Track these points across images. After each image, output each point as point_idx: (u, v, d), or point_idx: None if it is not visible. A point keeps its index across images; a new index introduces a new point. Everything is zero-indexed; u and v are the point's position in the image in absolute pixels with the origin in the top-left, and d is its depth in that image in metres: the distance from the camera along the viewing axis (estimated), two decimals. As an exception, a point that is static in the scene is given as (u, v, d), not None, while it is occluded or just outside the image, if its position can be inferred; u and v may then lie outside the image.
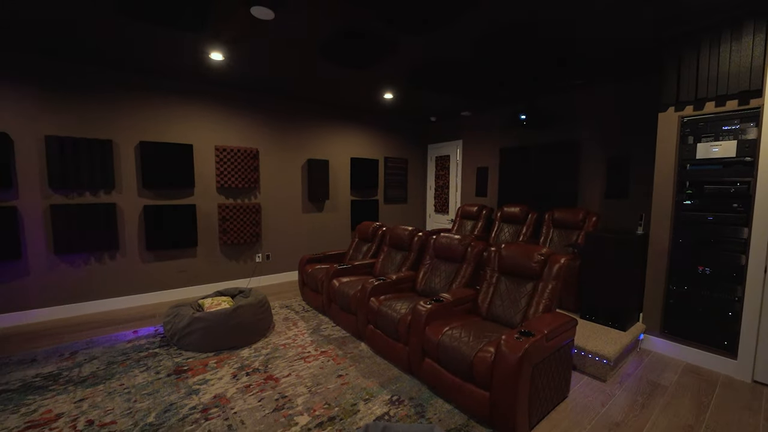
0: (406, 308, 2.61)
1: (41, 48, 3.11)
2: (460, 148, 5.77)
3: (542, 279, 2.38)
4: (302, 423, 1.98)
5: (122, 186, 3.76)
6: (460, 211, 5.15)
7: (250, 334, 2.95)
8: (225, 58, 3.30)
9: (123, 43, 2.99)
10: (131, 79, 3.75)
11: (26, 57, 3.27)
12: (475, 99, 4.68)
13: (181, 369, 2.55)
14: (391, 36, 2.77)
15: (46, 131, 3.39)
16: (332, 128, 5.26)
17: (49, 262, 3.48)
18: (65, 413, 2.07)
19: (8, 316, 3.34)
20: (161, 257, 4.04)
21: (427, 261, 3.18)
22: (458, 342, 2.11)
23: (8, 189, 3.26)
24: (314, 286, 3.71)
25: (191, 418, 2.03)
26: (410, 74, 3.68)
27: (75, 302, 3.63)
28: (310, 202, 5.14)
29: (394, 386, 2.36)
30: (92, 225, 3.60)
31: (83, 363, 2.64)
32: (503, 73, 3.62)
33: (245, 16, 2.44)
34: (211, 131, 4.25)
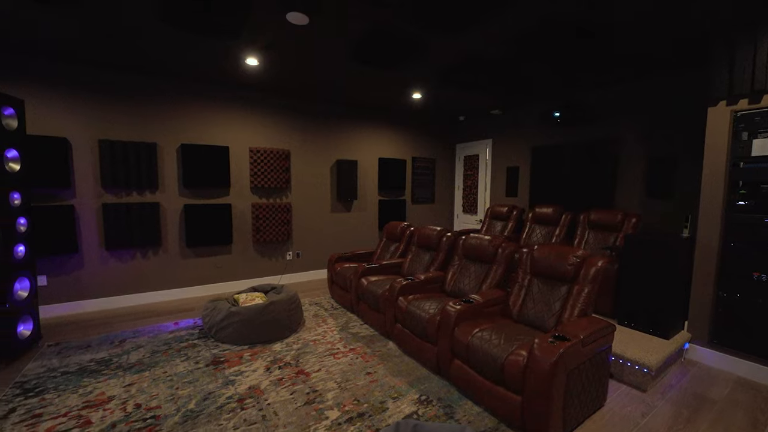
0: (434, 308, 2.61)
1: (96, 60, 3.37)
2: (490, 147, 5.66)
3: (577, 282, 2.29)
4: (332, 417, 2.03)
5: (165, 186, 4.00)
6: (490, 212, 5.06)
7: (282, 330, 3.05)
8: (259, 63, 3.43)
9: (167, 53, 3.17)
10: (174, 85, 3.98)
11: (84, 69, 3.55)
12: (506, 97, 4.58)
13: (218, 360, 2.68)
14: (421, 36, 2.77)
15: (100, 135, 3.67)
16: (361, 129, 5.33)
17: (101, 256, 3.77)
18: (116, 396, 2.23)
19: (66, 305, 3.64)
20: (199, 254, 4.26)
21: (455, 262, 3.15)
22: (488, 344, 2.08)
23: (67, 189, 3.55)
24: (343, 285, 3.78)
25: (228, 407, 2.13)
26: (440, 73, 3.66)
27: (122, 294, 3.90)
28: (339, 202, 5.23)
29: (422, 386, 2.36)
30: (138, 223, 3.85)
31: (131, 351, 2.84)
32: (538, 70, 3.52)
33: (281, 22, 2.53)
34: (245, 133, 4.43)
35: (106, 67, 3.61)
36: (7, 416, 2.03)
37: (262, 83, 4.10)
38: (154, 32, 2.76)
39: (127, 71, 3.72)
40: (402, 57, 3.22)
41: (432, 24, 2.57)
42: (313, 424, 1.97)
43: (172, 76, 3.89)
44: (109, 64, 3.50)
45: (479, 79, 3.82)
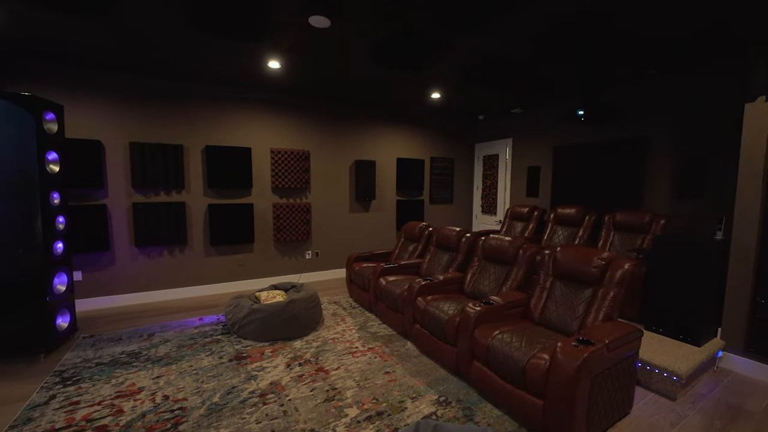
0: (453, 309, 2.59)
1: (128, 66, 3.53)
2: (510, 146, 5.57)
3: (602, 285, 2.23)
4: (352, 415, 2.05)
5: (190, 186, 4.14)
6: (510, 212, 4.98)
7: (302, 327, 3.11)
8: (281, 66, 3.50)
9: (193, 58, 3.28)
10: (199, 88, 4.11)
11: (116, 74, 3.72)
12: (527, 95, 4.49)
13: (241, 356, 2.75)
14: (442, 35, 2.76)
15: (130, 138, 3.83)
16: (379, 130, 5.35)
17: (131, 253, 3.94)
18: (146, 387, 2.33)
19: (99, 299, 3.83)
20: (223, 252, 4.39)
21: (475, 263, 3.12)
22: (509, 347, 2.05)
23: (100, 189, 3.74)
24: (361, 284, 3.81)
25: (251, 401, 2.19)
26: (460, 72, 3.64)
27: (150, 290, 4.06)
28: (357, 202, 5.27)
29: (441, 387, 2.35)
30: (165, 221, 4.00)
31: (158, 344, 2.96)
32: (561, 68, 3.44)
33: (303, 26, 2.58)
34: (267, 134, 4.53)
35: (137, 73, 3.77)
36: (48, 402, 2.16)
37: (283, 85, 4.18)
38: (182, 38, 2.86)
39: (156, 76, 3.87)
40: (422, 57, 3.21)
41: (453, 23, 2.55)
42: (332, 421, 2.00)
43: (197, 80, 4.02)
44: (139, 69, 3.66)
45: (500, 77, 3.76)
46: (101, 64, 3.52)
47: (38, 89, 3.43)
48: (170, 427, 1.95)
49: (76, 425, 1.96)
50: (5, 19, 2.52)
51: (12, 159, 2.60)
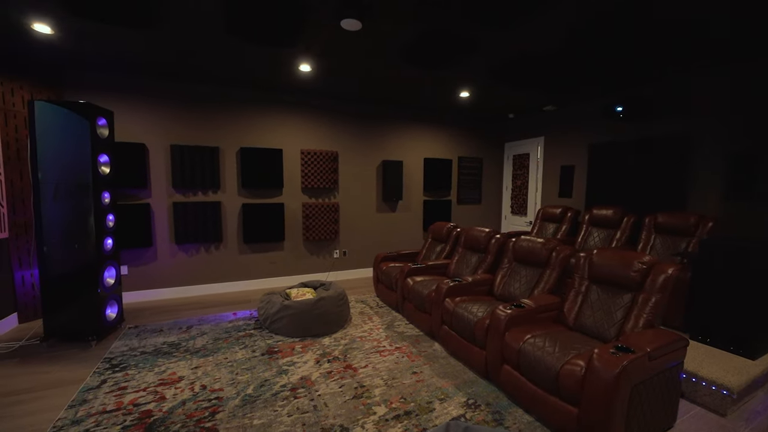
0: (483, 312, 2.55)
1: (169, 72, 3.73)
2: (542, 145, 5.40)
3: (643, 291, 2.12)
4: (380, 413, 2.07)
5: (225, 186, 4.33)
6: (541, 213, 4.83)
7: (331, 325, 3.17)
8: (311, 69, 3.58)
9: (229, 63, 3.43)
10: (234, 93, 4.29)
11: (159, 81, 3.95)
12: (561, 92, 4.34)
13: (272, 350, 2.85)
14: (472, 33, 2.72)
15: (171, 141, 4.06)
16: (407, 130, 5.35)
17: (171, 250, 4.17)
18: (185, 377, 2.46)
19: (142, 292, 4.08)
20: (255, 250, 4.55)
21: (505, 264, 3.05)
22: (542, 351, 1.99)
23: (144, 189, 3.98)
24: (388, 284, 3.82)
25: (282, 394, 2.26)
26: (490, 70, 3.57)
27: (188, 284, 4.28)
28: (384, 202, 5.30)
29: (470, 389, 2.33)
30: (203, 220, 4.21)
31: (196, 337, 3.11)
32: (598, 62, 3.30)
33: (335, 29, 2.63)
34: (297, 136, 4.65)
35: (177, 79, 3.99)
36: (100, 386, 2.33)
37: (313, 87, 4.27)
38: (220, 46, 2.99)
39: (194, 81, 4.07)
40: (452, 56, 3.19)
41: (483, 21, 2.51)
42: (361, 418, 2.03)
43: (233, 85, 4.19)
44: (179, 75, 3.86)
45: (532, 74, 3.66)
46: (146, 72, 3.75)
47: (91, 97, 3.71)
48: (208, 415, 2.05)
49: (124, 409, 2.11)
50: (63, 33, 2.74)
51: (70, 162, 2.83)
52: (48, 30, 2.70)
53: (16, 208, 3.27)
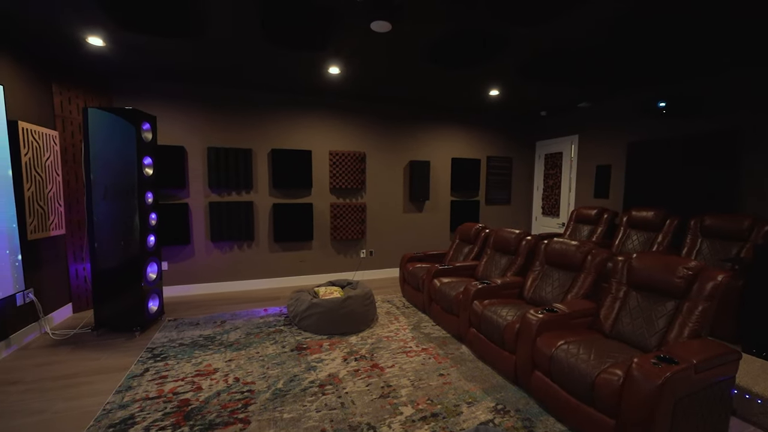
0: (512, 315, 2.49)
1: (206, 78, 3.92)
2: (576, 143, 5.19)
3: (689, 298, 1.99)
4: (407, 414, 2.07)
5: (257, 187, 4.48)
6: (575, 215, 4.64)
7: (358, 324, 3.20)
8: (341, 71, 3.63)
9: (263, 68, 3.55)
10: (266, 96, 4.43)
11: (197, 86, 4.16)
12: (596, 88, 4.15)
13: (301, 346, 2.92)
14: (503, 31, 2.66)
15: (208, 143, 4.26)
16: (434, 130, 5.31)
17: (207, 247, 4.37)
18: (220, 369, 2.57)
19: (180, 287, 4.31)
20: (285, 248, 4.68)
21: (536, 267, 2.96)
22: (576, 359, 1.92)
23: (182, 189, 4.20)
24: (415, 284, 3.81)
25: (311, 390, 2.31)
26: (521, 67, 3.48)
27: (222, 281, 4.47)
28: (411, 203, 5.28)
29: (498, 394, 2.28)
30: (236, 219, 4.38)
31: (230, 331, 3.24)
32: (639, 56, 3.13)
33: (365, 32, 2.66)
34: (326, 137, 4.74)
35: (214, 84, 4.17)
36: (143, 374, 2.49)
37: (342, 89, 4.34)
38: (255, 51, 3.10)
39: (229, 86, 4.25)
40: (482, 55, 3.13)
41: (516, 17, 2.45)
42: (388, 418, 2.04)
43: (265, 88, 4.34)
44: (216, 81, 4.04)
45: (566, 70, 3.52)
46: (185, 78, 3.96)
47: (136, 102, 3.96)
48: (241, 406, 2.14)
49: (165, 396, 2.23)
50: (113, 44, 2.95)
51: (117, 164, 3.03)
52: (100, 42, 2.91)
53: (72, 207, 3.55)
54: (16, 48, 3.00)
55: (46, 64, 3.34)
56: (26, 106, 3.09)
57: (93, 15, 2.46)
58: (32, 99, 3.17)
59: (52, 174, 3.30)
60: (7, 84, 2.87)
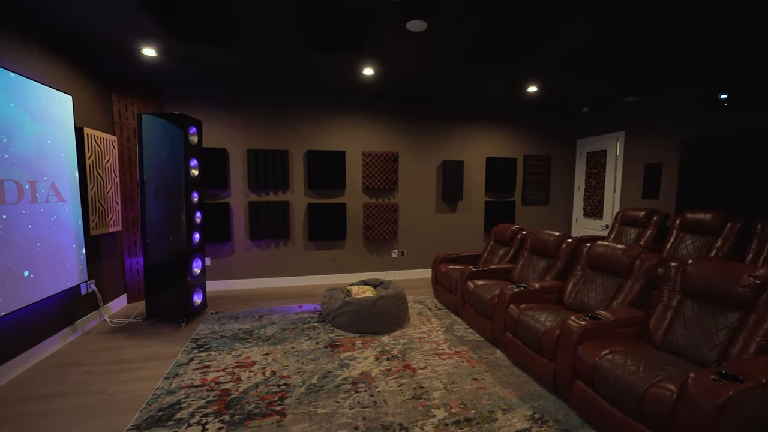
0: (551, 321, 2.39)
1: (247, 83, 4.09)
2: (622, 140, 4.88)
3: (756, 310, 1.80)
4: (440, 416, 2.05)
5: (293, 187, 4.62)
6: (620, 216, 4.36)
7: (390, 323, 3.21)
8: (374, 72, 3.66)
9: (299, 72, 3.64)
10: (301, 99, 4.56)
11: (238, 91, 4.36)
12: (645, 81, 3.87)
13: (335, 344, 2.97)
14: (543, 24, 2.55)
15: (248, 145, 4.45)
16: (468, 128, 5.21)
17: (246, 245, 4.57)
18: (258, 362, 2.68)
19: (221, 282, 4.54)
20: (319, 247, 4.79)
21: (578, 271, 2.82)
22: (622, 370, 1.80)
23: (224, 189, 4.42)
24: (448, 286, 3.76)
25: (344, 387, 2.34)
26: (562, 62, 3.32)
27: (260, 277, 4.65)
28: (444, 203, 5.22)
29: (535, 403, 2.19)
30: (273, 218, 4.54)
31: (267, 325, 3.37)
32: (696, 44, 2.88)
33: (400, 32, 2.66)
34: (359, 138, 4.79)
35: (253, 88, 4.35)
36: (188, 363, 2.65)
37: (375, 90, 4.37)
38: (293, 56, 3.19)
39: (268, 90, 4.41)
40: (521, 50, 3.03)
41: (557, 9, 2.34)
42: (420, 419, 2.02)
43: (301, 91, 4.46)
44: (255, 85, 4.21)
45: (612, 63, 3.32)
46: (228, 84, 4.16)
47: (183, 108, 4.22)
48: (277, 399, 2.21)
49: (207, 385, 2.36)
50: (164, 54, 3.16)
51: (167, 166, 3.25)
52: (153, 53, 3.13)
53: (127, 206, 3.85)
54: (83, 62, 3.30)
55: (107, 76, 3.65)
56: (90, 114, 3.39)
57: (148, 27, 2.65)
58: (95, 107, 3.48)
59: (111, 175, 3.60)
60: (76, 95, 3.17)
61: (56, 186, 2.80)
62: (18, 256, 2.44)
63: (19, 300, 2.45)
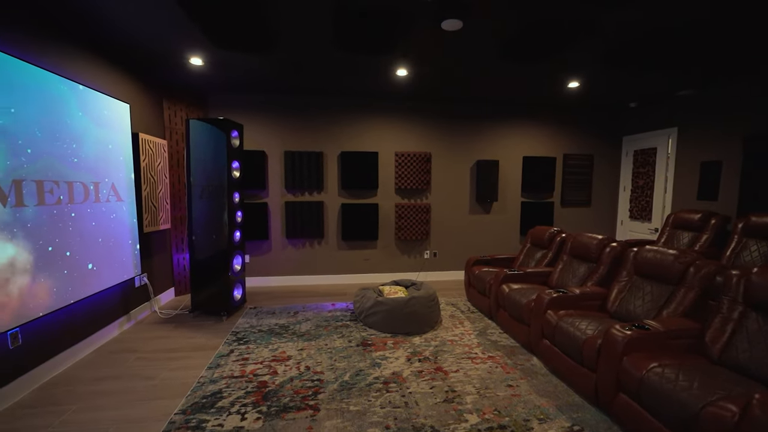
0: (593, 329, 2.26)
1: (283, 88, 4.24)
2: (674, 137, 4.52)
3: (835, 326, 1.61)
4: (472, 421, 2.01)
5: (327, 187, 4.73)
6: (672, 219, 4.05)
7: (421, 325, 3.20)
8: (408, 73, 3.66)
9: (334, 75, 3.72)
10: (336, 101, 4.66)
11: (275, 95, 4.53)
12: (703, 73, 3.56)
13: (366, 342, 3.01)
14: (585, 16, 2.43)
15: (284, 147, 4.61)
16: (504, 127, 5.06)
17: (282, 243, 4.73)
18: (293, 357, 2.77)
19: (259, 279, 4.74)
20: (351, 246, 4.87)
21: (623, 277, 2.65)
22: (673, 385, 1.67)
23: (263, 190, 4.61)
24: (481, 289, 3.68)
25: (375, 386, 2.37)
26: (606, 55, 3.14)
27: (295, 275, 4.81)
28: (478, 204, 5.11)
29: (575, 414, 2.09)
30: (308, 218, 4.68)
31: (301, 322, 3.47)
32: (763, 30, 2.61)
33: (434, 31, 2.65)
34: (392, 139, 4.81)
35: (290, 92, 4.50)
36: (229, 354, 2.79)
37: (408, 90, 4.36)
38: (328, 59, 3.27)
39: (303, 93, 4.54)
40: (560, 45, 2.90)
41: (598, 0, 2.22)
42: (452, 423, 2.00)
43: (335, 94, 4.55)
44: (292, 89, 4.35)
45: (663, 54, 3.09)
46: (266, 89, 4.34)
47: (226, 112, 4.45)
48: (311, 394, 2.28)
49: (246, 377, 2.48)
50: (209, 63, 3.35)
51: (211, 168, 3.44)
52: (200, 62, 3.33)
53: (175, 205, 4.12)
54: (139, 73, 3.59)
55: (159, 84, 3.94)
56: (144, 120, 3.68)
57: (196, 39, 2.83)
58: (149, 114, 3.76)
59: (162, 177, 3.87)
60: (132, 103, 3.45)
61: (115, 187, 3.06)
62: (84, 251, 2.69)
63: (85, 290, 2.70)
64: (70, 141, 2.56)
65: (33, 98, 2.27)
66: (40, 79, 2.33)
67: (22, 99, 2.20)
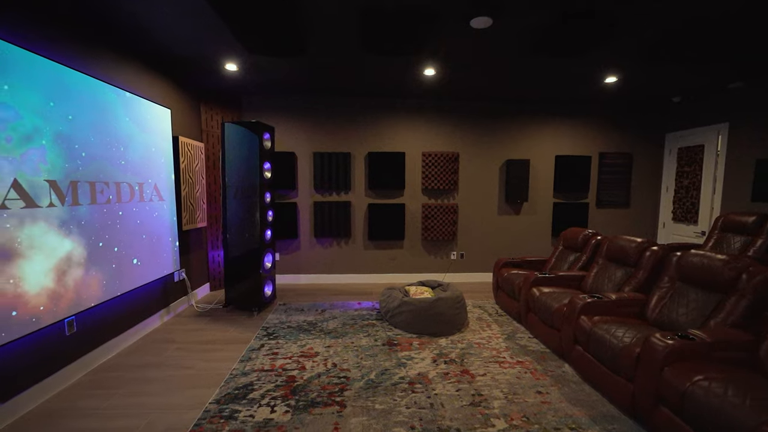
0: (630, 337, 2.15)
1: (312, 90, 4.34)
2: (725, 133, 4.20)
3: None
4: (499, 427, 1.97)
5: (355, 188, 4.79)
6: (722, 222, 3.75)
7: (448, 326, 3.17)
8: (437, 73, 3.63)
9: (362, 76, 3.76)
10: (363, 102, 4.70)
11: (304, 98, 4.64)
12: (756, 62, 3.29)
13: (392, 342, 3.02)
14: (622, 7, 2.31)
15: (313, 149, 4.72)
16: (535, 125, 4.91)
17: (310, 242, 4.84)
18: (320, 353, 2.83)
19: (289, 276, 4.87)
20: (378, 246, 4.90)
21: (665, 283, 2.50)
22: (721, 401, 1.56)
23: (292, 190, 4.74)
24: (510, 291, 3.59)
25: (401, 386, 2.37)
26: (647, 47, 2.97)
27: (323, 273, 4.90)
28: (507, 204, 4.99)
29: (609, 425, 2.00)
30: (336, 217, 4.75)
31: (328, 319, 3.54)
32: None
33: (463, 30, 2.62)
34: (419, 139, 4.80)
35: (318, 94, 4.60)
36: (259, 348, 2.90)
37: (436, 89, 4.33)
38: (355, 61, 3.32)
39: (331, 95, 4.62)
40: (596, 39, 2.78)
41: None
42: (479, 428, 1.97)
43: (363, 95, 4.60)
44: (321, 91, 4.44)
45: (711, 43, 2.88)
46: (296, 91, 4.46)
47: (258, 115, 4.61)
48: (338, 390, 2.32)
49: (276, 371, 2.56)
50: (243, 68, 3.49)
51: (244, 169, 3.58)
52: (235, 68, 3.48)
53: (211, 205, 4.33)
54: (180, 79, 3.80)
55: (197, 90, 4.15)
56: (184, 124, 3.89)
57: (232, 45, 2.96)
58: (188, 118, 3.97)
59: (199, 177, 4.08)
60: (173, 107, 3.66)
61: (158, 187, 3.26)
62: (130, 247, 2.89)
63: (131, 283, 2.90)
64: (118, 145, 2.76)
65: (87, 106, 2.47)
66: (93, 88, 2.52)
67: (78, 107, 2.39)
